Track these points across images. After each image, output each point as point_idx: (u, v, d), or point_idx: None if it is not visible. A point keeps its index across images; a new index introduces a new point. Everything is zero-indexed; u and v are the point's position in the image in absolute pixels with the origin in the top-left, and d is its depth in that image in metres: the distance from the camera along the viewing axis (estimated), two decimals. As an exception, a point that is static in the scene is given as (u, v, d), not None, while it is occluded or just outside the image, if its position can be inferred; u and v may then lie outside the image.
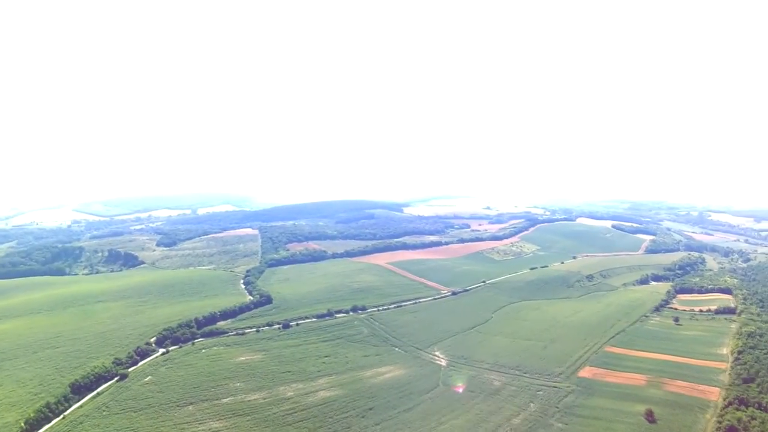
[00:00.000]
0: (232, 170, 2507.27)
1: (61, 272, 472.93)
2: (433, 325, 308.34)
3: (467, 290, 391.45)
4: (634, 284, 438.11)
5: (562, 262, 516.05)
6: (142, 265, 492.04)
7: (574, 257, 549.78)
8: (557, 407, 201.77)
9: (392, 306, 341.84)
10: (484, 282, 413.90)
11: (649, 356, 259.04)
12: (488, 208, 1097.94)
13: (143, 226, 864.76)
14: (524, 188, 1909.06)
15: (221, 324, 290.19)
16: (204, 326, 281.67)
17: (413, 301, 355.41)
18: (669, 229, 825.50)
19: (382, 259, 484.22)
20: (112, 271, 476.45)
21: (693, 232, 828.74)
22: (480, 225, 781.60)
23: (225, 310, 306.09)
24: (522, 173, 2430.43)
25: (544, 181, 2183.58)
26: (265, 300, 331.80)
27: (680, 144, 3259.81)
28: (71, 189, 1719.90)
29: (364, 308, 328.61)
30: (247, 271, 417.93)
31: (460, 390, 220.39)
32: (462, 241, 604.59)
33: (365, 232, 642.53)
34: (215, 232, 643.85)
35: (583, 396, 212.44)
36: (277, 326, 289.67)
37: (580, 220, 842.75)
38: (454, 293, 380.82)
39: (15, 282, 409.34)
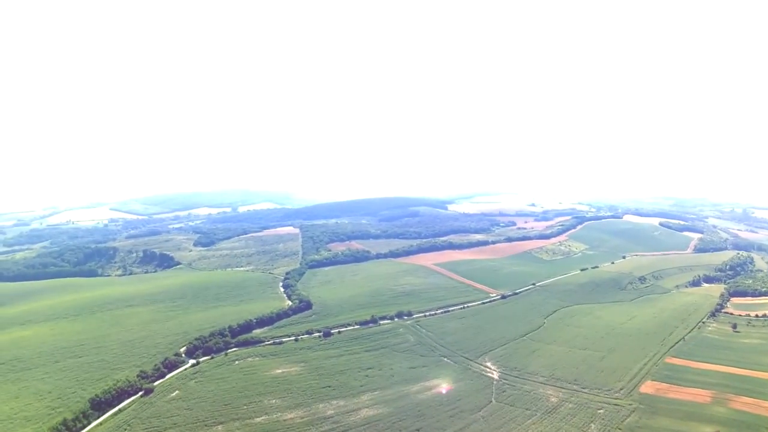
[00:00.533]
0: (274, 167, 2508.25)
1: (92, 273, 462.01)
2: (483, 332, 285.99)
3: (517, 293, 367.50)
4: (686, 286, 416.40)
5: (613, 263, 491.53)
6: (177, 266, 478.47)
7: (624, 257, 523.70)
8: (620, 429, 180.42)
9: (439, 311, 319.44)
10: (533, 284, 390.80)
11: (710, 368, 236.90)
12: (533, 204, 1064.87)
13: (182, 225, 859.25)
14: (567, 184, 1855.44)
15: (257, 332, 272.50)
16: (239, 335, 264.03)
17: (461, 306, 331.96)
18: (715, 227, 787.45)
19: (427, 259, 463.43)
20: (146, 273, 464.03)
21: (738, 230, 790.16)
22: (526, 222, 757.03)
23: (262, 317, 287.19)
24: (565, 169, 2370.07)
25: (587, 177, 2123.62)
26: (305, 305, 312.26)
27: (722, 140, 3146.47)
28: (109, 187, 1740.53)
29: (409, 314, 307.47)
30: (287, 273, 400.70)
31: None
32: (509, 240, 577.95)
33: (410, 231, 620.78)
34: (255, 231, 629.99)
35: (646, 415, 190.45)
36: (317, 334, 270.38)
37: (627, 218, 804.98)
38: (503, 297, 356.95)
39: (43, 284, 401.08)
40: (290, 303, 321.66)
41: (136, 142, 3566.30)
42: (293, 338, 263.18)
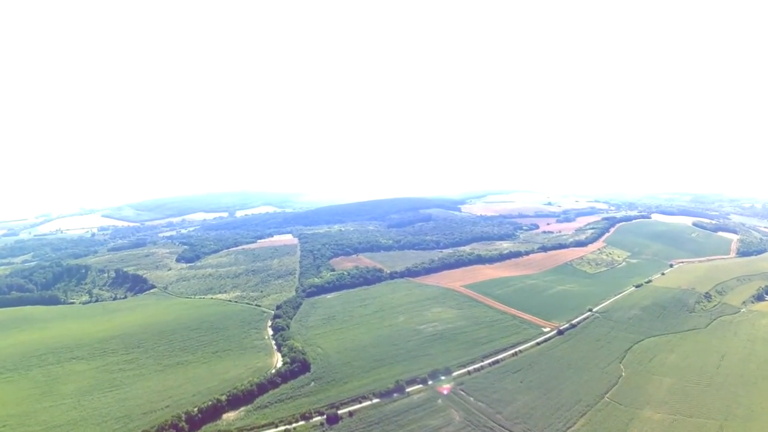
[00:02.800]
0: (274, 168, 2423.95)
1: (55, 301, 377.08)
2: (551, 394, 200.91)
3: (574, 325, 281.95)
4: (752, 301, 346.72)
5: (663, 274, 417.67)
6: (151, 291, 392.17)
7: (671, 265, 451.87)
8: None
9: (486, 362, 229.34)
10: (590, 311, 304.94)
11: None
12: (549, 203, 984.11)
13: (174, 233, 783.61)
14: (578, 180, 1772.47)
15: (230, 417, 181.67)
16: (201, 425, 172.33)
17: (513, 351, 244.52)
18: (744, 225, 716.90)
19: (454, 279, 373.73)
20: (114, 299, 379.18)
21: (765, 227, 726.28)
22: (548, 224, 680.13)
23: (236, 393, 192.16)
24: (574, 165, 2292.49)
25: (597, 172, 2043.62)
26: (300, 367, 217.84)
27: (731, 134, 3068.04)
28: (103, 193, 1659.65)
29: (447, 371, 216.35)
30: (278, 307, 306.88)
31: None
32: (544, 249, 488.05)
33: (426, 240, 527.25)
34: (247, 242, 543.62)
35: None
36: (318, 418, 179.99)
37: (656, 217, 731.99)
38: (560, 332, 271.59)
39: None
40: (280, 359, 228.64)
41: (131, 146, 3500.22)
42: (282, 429, 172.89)
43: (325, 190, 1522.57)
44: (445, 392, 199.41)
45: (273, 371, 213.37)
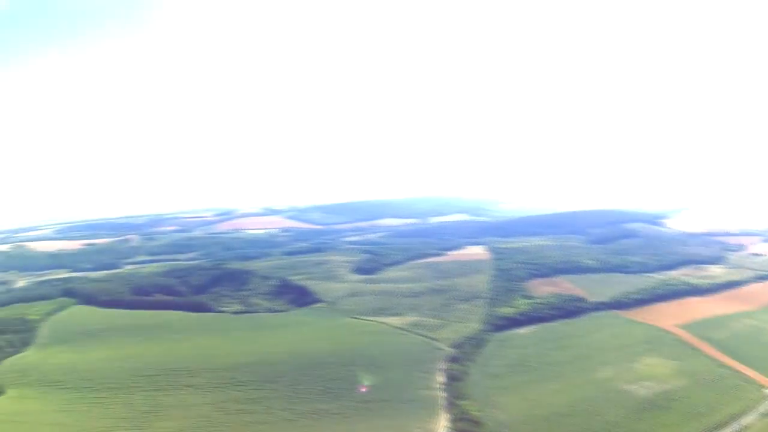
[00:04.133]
0: (470, 174, 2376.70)
1: (202, 307, 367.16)
2: None
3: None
4: None
5: None
6: (316, 304, 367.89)
7: None
8: None
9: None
10: None
11: None
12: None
13: (360, 238, 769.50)
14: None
15: None
16: None
17: (736, 425, 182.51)
18: None
19: (666, 315, 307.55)
20: (270, 311, 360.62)
21: None
22: (753, 245, 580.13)
23: None
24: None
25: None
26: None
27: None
28: (289, 194, 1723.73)
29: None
30: (457, 344, 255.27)
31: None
32: (760, 278, 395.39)
33: (632, 262, 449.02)
34: (435, 254, 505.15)
35: None
36: None
37: None
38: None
39: (132, 318, 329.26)
40: (444, 426, 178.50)
41: (322, 144, 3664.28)
42: None
43: (522, 198, 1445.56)
44: None
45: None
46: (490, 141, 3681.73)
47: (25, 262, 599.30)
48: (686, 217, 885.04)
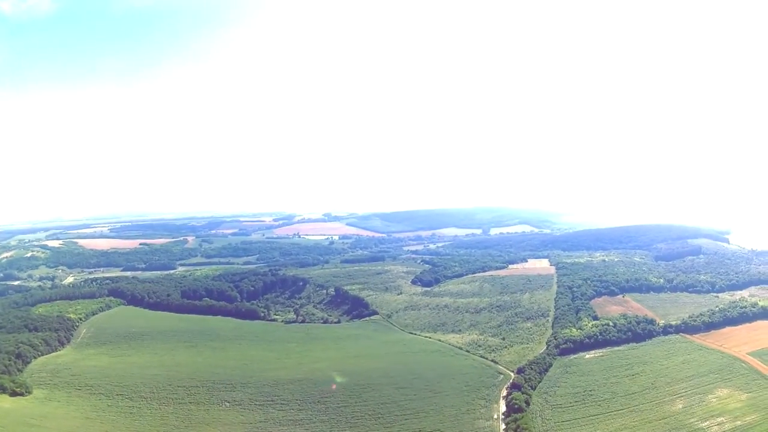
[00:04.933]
0: (533, 184, 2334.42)
1: (253, 315, 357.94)
2: None
3: None
4: None
5: None
6: (372, 317, 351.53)
7: None
8: None
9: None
10: None
11: None
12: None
13: (421, 247, 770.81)
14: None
15: None
16: None
17: None
18: None
19: (738, 341, 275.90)
20: (324, 322, 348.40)
21: None
22: None
23: None
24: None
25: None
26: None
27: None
28: (351, 200, 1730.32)
29: None
30: (520, 370, 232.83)
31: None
32: None
33: (699, 281, 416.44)
34: (497, 267, 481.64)
35: None
36: None
37: None
38: None
39: (176, 321, 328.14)
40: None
41: (388, 152, 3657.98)
42: None
43: (586, 211, 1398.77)
44: None
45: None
46: (553, 152, 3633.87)
47: (75, 259, 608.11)
48: (749, 233, 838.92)
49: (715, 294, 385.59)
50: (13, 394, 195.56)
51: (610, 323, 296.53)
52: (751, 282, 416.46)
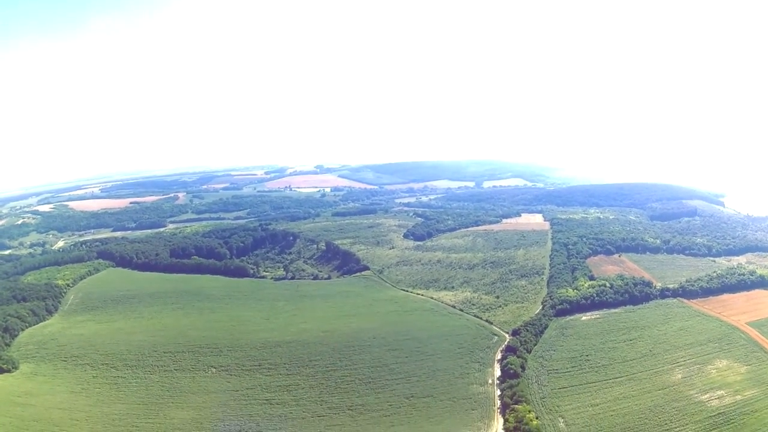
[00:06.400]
0: (526, 138, 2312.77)
1: (241, 272, 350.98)
2: None
3: None
4: None
5: None
6: (363, 272, 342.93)
7: None
8: None
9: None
10: None
11: None
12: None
13: (413, 199, 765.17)
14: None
15: None
16: None
17: None
18: None
19: (736, 310, 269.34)
20: (314, 278, 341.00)
21: None
22: None
23: None
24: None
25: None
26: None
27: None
28: (342, 152, 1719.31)
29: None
30: (515, 331, 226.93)
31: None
32: None
33: (696, 244, 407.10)
34: (490, 222, 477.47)
35: None
36: None
37: None
38: None
39: (164, 282, 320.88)
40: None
41: (379, 104, 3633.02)
42: None
43: (580, 166, 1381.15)
44: None
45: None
46: (548, 105, 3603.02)
47: (66, 222, 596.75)
48: (744, 198, 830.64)
49: (711, 258, 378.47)
50: (0, 371, 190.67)
51: (607, 284, 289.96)
52: (747, 248, 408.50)
